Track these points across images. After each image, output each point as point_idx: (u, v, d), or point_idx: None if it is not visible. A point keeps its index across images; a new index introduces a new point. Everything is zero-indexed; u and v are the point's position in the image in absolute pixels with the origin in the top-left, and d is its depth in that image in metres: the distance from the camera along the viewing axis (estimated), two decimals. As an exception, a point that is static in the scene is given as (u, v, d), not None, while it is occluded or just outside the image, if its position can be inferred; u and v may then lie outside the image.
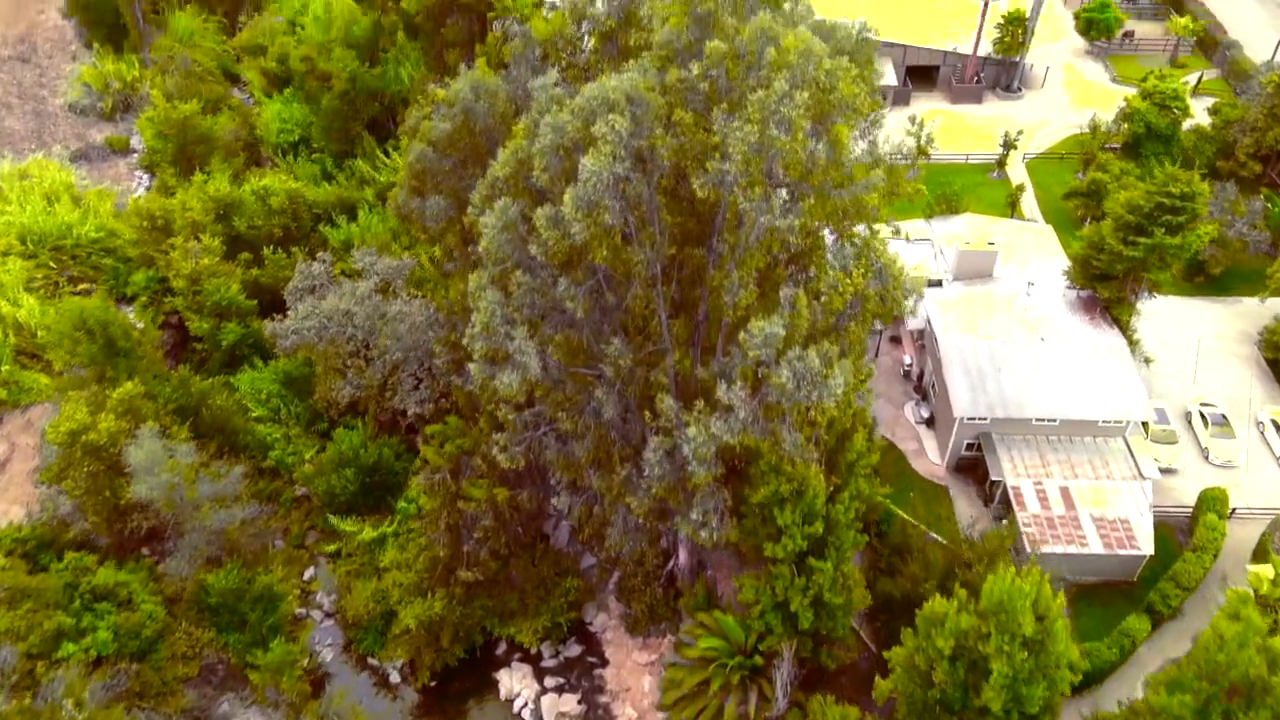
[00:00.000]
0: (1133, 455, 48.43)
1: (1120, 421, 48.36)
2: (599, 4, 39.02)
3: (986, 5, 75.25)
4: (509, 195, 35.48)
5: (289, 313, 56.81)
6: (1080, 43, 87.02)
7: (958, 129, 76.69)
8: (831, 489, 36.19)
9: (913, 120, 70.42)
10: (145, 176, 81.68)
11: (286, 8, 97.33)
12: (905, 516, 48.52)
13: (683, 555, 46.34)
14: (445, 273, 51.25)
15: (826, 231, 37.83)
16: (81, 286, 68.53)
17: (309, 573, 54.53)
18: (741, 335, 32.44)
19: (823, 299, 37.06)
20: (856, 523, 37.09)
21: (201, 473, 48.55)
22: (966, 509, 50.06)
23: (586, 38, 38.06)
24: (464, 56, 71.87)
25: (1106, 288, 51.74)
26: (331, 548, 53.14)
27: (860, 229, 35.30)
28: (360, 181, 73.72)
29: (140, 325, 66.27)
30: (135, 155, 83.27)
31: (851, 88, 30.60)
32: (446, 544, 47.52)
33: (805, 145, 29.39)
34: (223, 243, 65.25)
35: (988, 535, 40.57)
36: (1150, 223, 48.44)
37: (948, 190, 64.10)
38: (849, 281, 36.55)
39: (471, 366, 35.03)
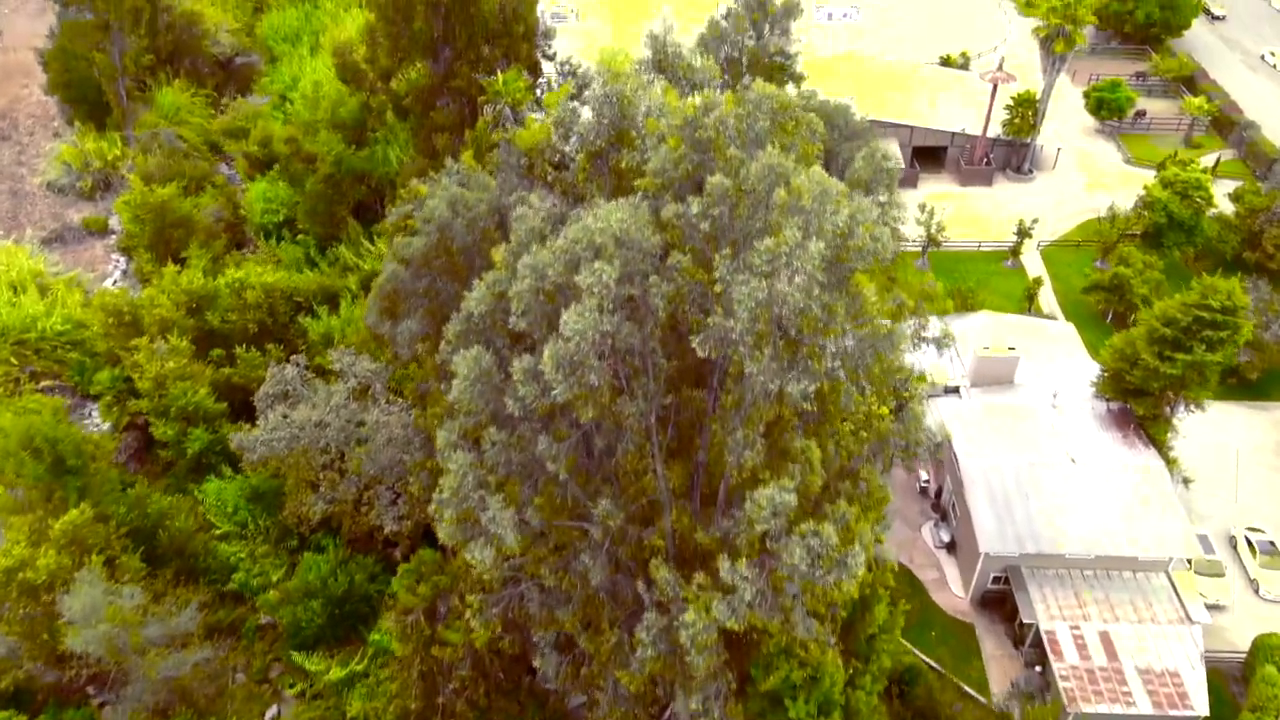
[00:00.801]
0: (1178, 594, 43.63)
1: (1164, 558, 43.67)
2: (586, 114, 35.29)
3: (996, 87, 72.20)
4: (486, 332, 31.31)
5: (259, 421, 52.63)
6: (1090, 121, 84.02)
7: (968, 213, 73.14)
8: (850, 672, 31.49)
9: (923, 208, 67.56)
10: (122, 260, 78.01)
11: (277, 82, 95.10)
12: (928, 662, 43.53)
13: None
14: (421, 393, 47.05)
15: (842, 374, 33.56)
16: (45, 383, 64.33)
17: (271, 712, 49.32)
18: (748, 505, 28.02)
19: (839, 441, 32.78)
20: (880, 707, 32.27)
21: (151, 612, 43.70)
22: (995, 650, 45.09)
23: (574, 152, 34.30)
24: (453, 141, 68.51)
25: (1141, 404, 47.42)
26: (294, 690, 48.03)
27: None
28: (343, 269, 69.91)
29: (105, 426, 62.37)
30: (113, 237, 79.67)
31: (872, 227, 26.57)
32: (419, 694, 42.57)
33: (821, 301, 25.25)
34: (195, 338, 61.33)
35: (1029, 716, 35.62)
36: (1189, 338, 44.29)
37: (962, 286, 60.15)
38: (868, 430, 32.31)
39: (440, 532, 30.52)
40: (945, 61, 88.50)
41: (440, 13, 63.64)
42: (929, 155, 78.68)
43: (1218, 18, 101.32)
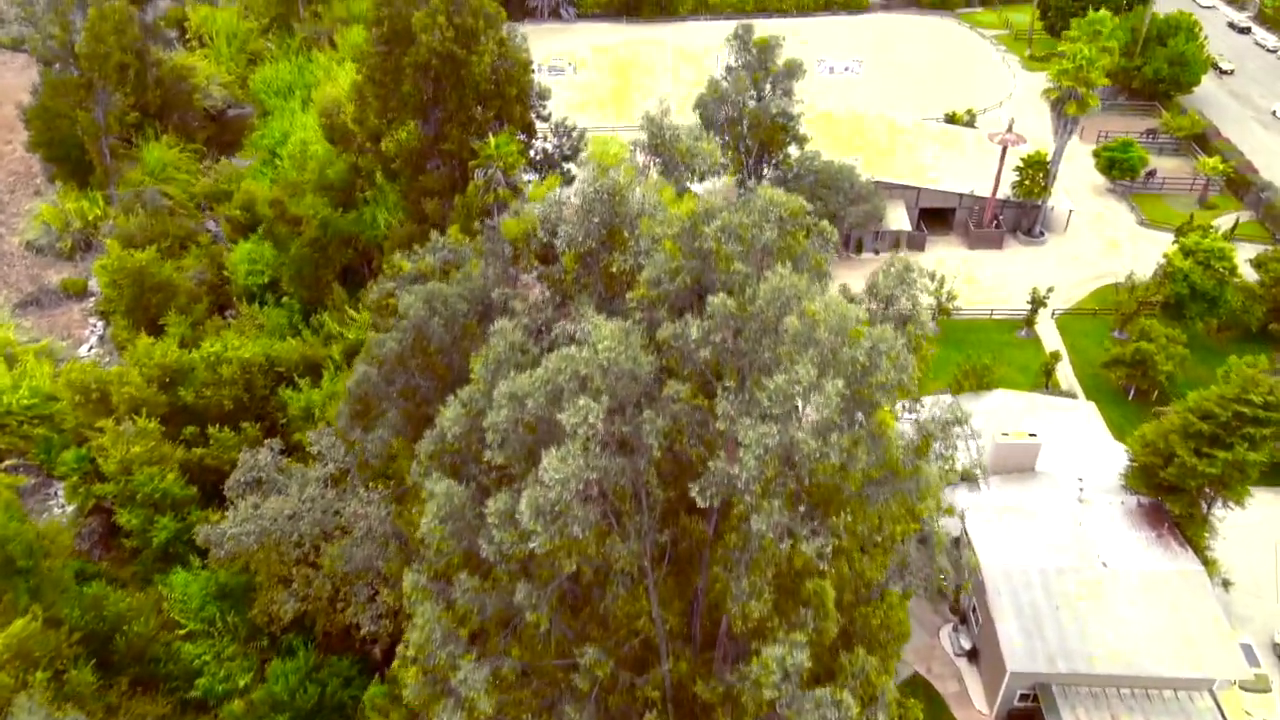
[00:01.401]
0: (1223, 716, 39.66)
1: (1208, 678, 39.77)
2: (576, 202, 32.10)
3: (1005, 149, 69.45)
4: (462, 454, 27.82)
5: (228, 511, 48.94)
6: (1100, 180, 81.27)
7: (978, 279, 69.98)
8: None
9: (932, 276, 64.31)
10: (99, 324, 74.82)
11: (268, 136, 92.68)
12: (951, 792, 39.47)
13: None
14: (397, 497, 43.45)
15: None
16: (9, 461, 60.78)
17: (233, 837, 45.04)
18: (755, 665, 24.35)
19: (853, 565, 29.13)
20: None
21: (98, 737, 39.74)
22: (1023, 776, 41.01)
23: (562, 249, 31.09)
24: (443, 205, 65.65)
25: (1176, 502, 43.78)
26: (258, 821, 43.84)
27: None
28: (327, 337, 66.61)
29: (69, 509, 58.74)
30: (92, 300, 76.57)
31: (897, 357, 23.20)
32: (392, 829, 38.45)
33: (840, 447, 21.82)
34: (167, 414, 58.00)
35: None
36: (1229, 434, 40.81)
37: (976, 363, 56.78)
38: (886, 555, 28.69)
39: (405, 691, 26.79)
40: (951, 119, 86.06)
41: (430, 75, 61.02)
42: (936, 217, 75.80)
43: (1226, 72, 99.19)
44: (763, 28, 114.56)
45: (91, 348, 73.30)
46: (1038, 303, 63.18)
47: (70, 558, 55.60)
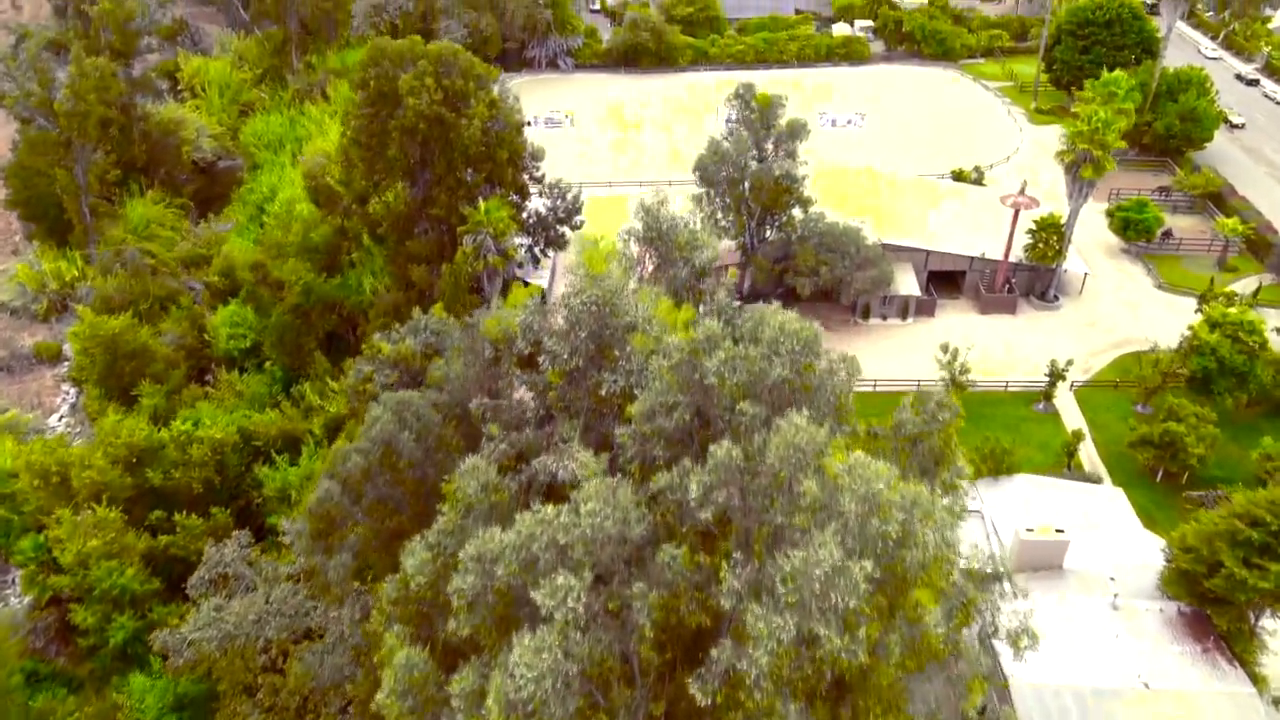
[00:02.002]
0: None
1: (1268, 822, 35.58)
2: (559, 321, 28.66)
3: (1018, 212, 66.37)
4: (427, 607, 24.06)
5: (192, 609, 45.00)
6: (1114, 240, 78.22)
7: (992, 346, 66.44)
8: None
9: (945, 349, 60.94)
10: (72, 392, 71.32)
11: (256, 191, 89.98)
12: None
13: None
14: (366, 611, 39.36)
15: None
16: (-36, 546, 56.81)
17: None
18: None
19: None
20: None
21: None
22: None
23: (545, 365, 27.56)
24: (431, 272, 62.47)
25: (1222, 615, 39.84)
26: None
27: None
28: (307, 410, 62.99)
29: (26, 600, 54.65)
30: (65, 366, 73.08)
31: (934, 519, 19.59)
32: None
33: (866, 639, 18.14)
34: (133, 497, 54.25)
35: None
36: (1281, 544, 37.02)
37: (996, 446, 53.07)
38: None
39: None
40: (958, 176, 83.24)
41: (418, 139, 58.09)
42: (946, 279, 72.54)
43: (1236, 126, 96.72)
44: (763, 79, 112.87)
45: (62, 417, 69.72)
46: (1056, 376, 59.63)
47: (23, 656, 51.73)
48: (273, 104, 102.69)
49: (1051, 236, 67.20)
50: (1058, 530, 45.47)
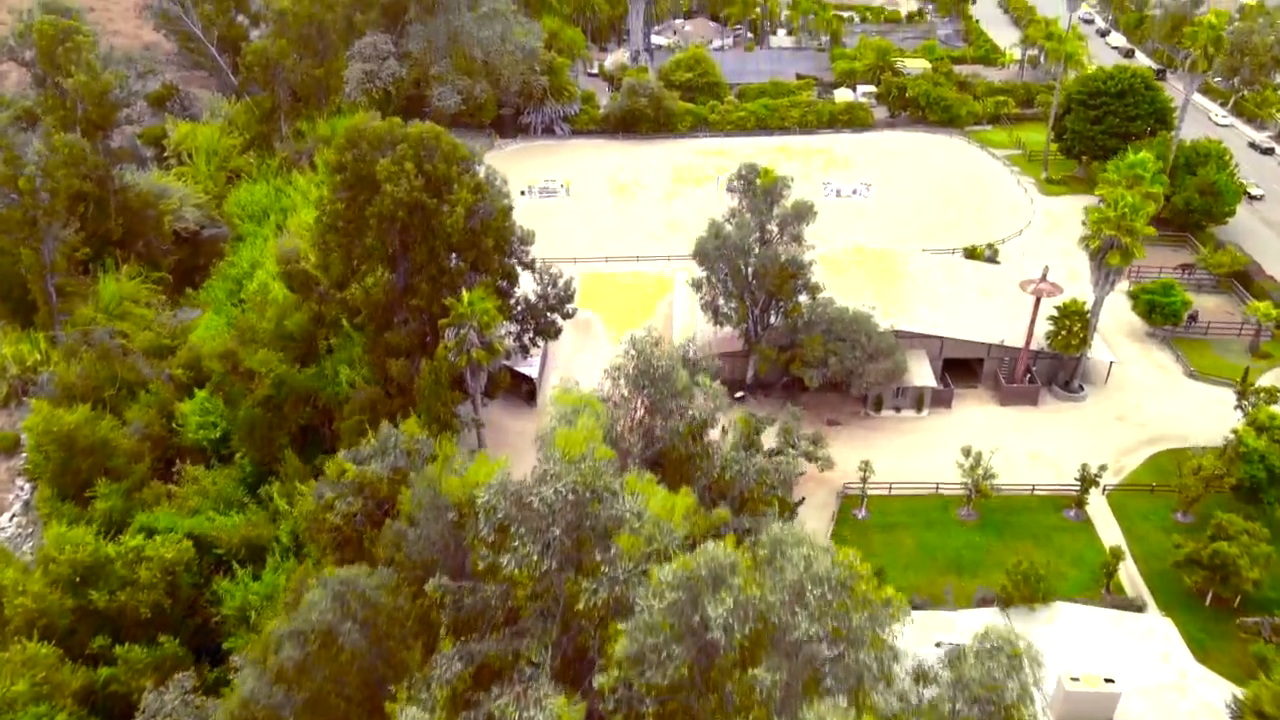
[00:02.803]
0: None
1: None
2: (533, 500, 23.62)
3: (1039, 300, 61.84)
4: None
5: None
6: (1137, 322, 73.63)
7: (1015, 442, 61.31)
8: None
9: (967, 452, 55.84)
10: (27, 487, 66.08)
11: (238, 265, 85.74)
12: None
13: None
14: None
15: None
16: (-113, 673, 51.04)
17: None
18: None
19: None
20: None
21: None
22: None
23: (512, 566, 22.54)
24: (411, 366, 57.72)
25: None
26: None
27: None
28: (274, 514, 57.75)
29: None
30: (23, 457, 67.93)
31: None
32: None
33: None
34: (74, 620, 48.84)
35: None
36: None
37: (1029, 569, 47.72)
38: None
39: None
40: (971, 254, 79.02)
41: (396, 227, 53.75)
42: (962, 366, 67.78)
43: (1256, 198, 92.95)
44: (764, 145, 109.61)
45: (14, 515, 64.44)
46: (1088, 482, 54.46)
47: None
48: (259, 173, 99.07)
49: (1075, 324, 62.52)
50: (1107, 680, 40.10)
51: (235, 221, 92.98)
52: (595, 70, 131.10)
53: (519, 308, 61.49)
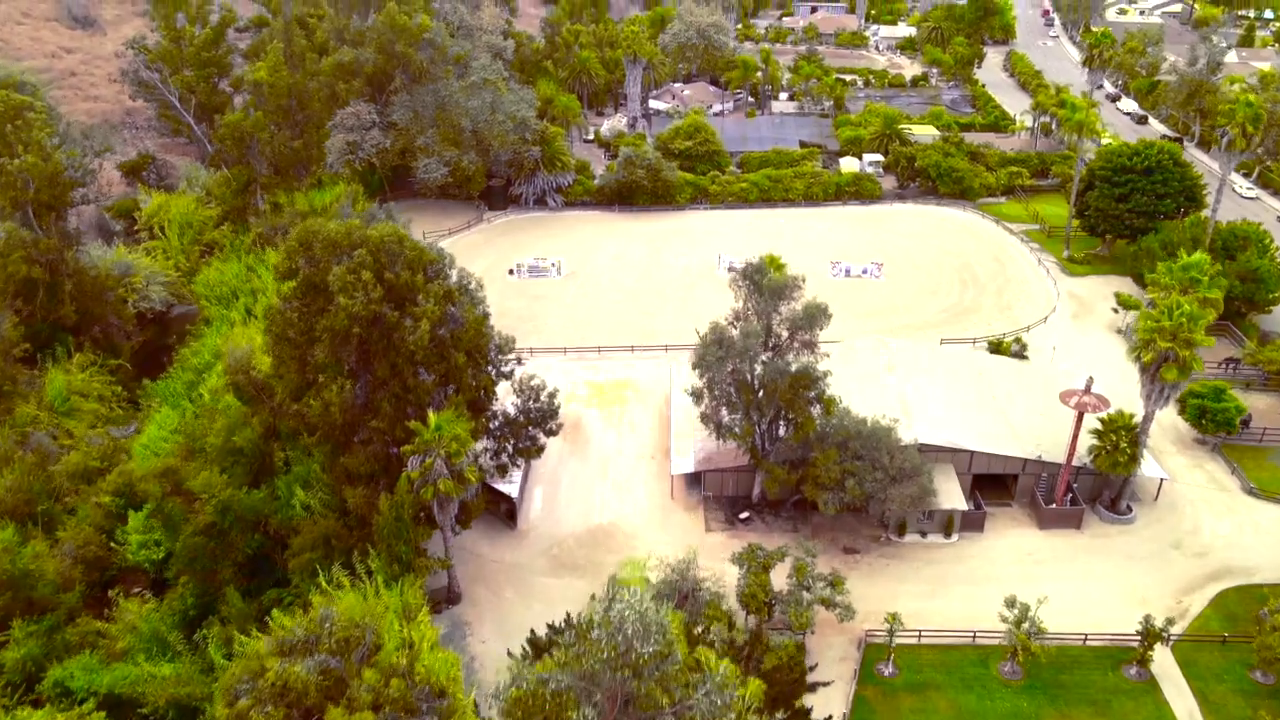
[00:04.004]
0: None
1: None
2: None
3: (1081, 415, 54.41)
4: None
5: None
6: (1182, 426, 66.14)
7: (1059, 579, 53.30)
8: None
9: (1010, 603, 47.79)
10: (-65, 623, 57.87)
11: (201, 353, 78.54)
12: None
13: None
14: None
15: None
16: None
17: None
18: None
19: None
20: None
21: None
22: None
23: None
24: (370, 495, 50.01)
25: None
26: None
27: None
28: (209, 667, 49.58)
29: None
30: (-65, 586, 59.79)
31: None
32: None
33: None
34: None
35: None
36: None
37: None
38: None
39: None
40: (996, 348, 71.78)
41: (352, 343, 46.48)
42: (994, 481, 60.11)
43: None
44: (767, 219, 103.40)
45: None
46: (1153, 637, 46.40)
47: None
48: (232, 249, 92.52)
49: (1123, 441, 54.95)
50: None
51: (202, 303, 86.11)
52: (591, 137, 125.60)
53: (497, 423, 54.03)
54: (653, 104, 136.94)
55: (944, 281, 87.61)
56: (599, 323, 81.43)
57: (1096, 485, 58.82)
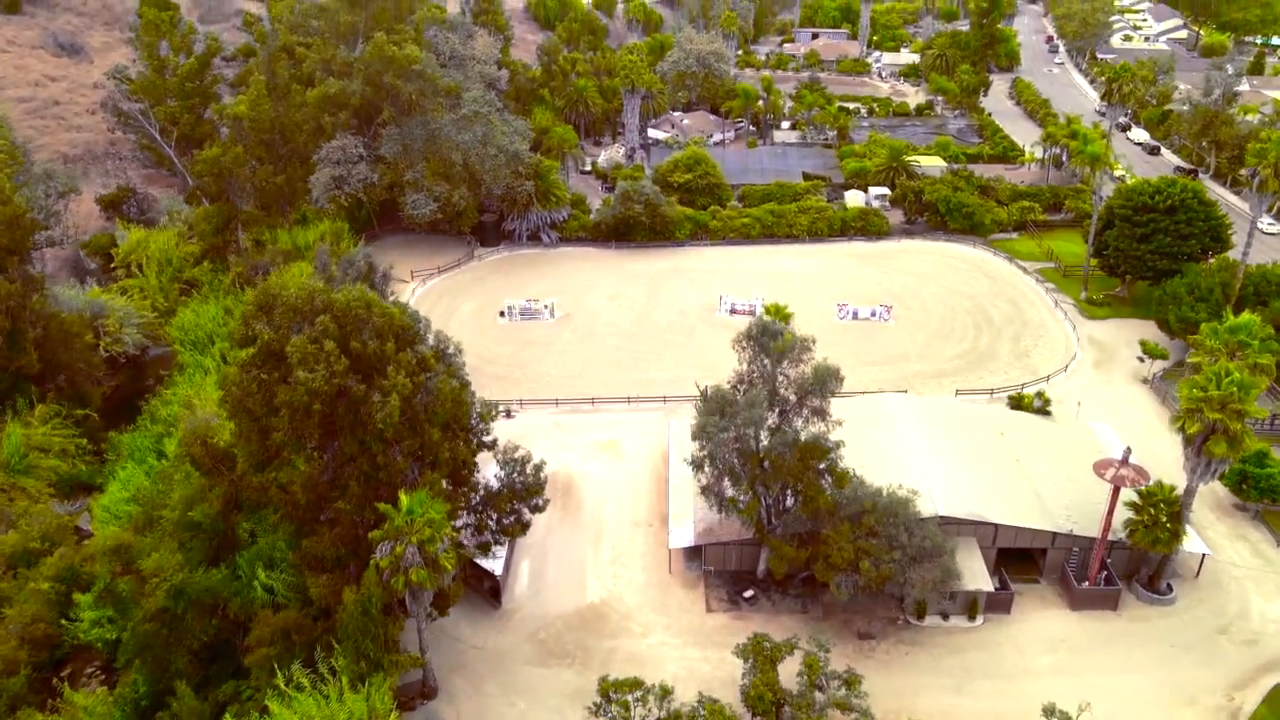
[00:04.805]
0: None
1: None
2: None
3: (1118, 490, 49.39)
4: None
5: None
6: (1220, 490, 61.08)
7: (1100, 672, 48.11)
8: None
9: (1049, 712, 42.52)
10: None
11: (171, 403, 73.62)
12: None
13: None
14: None
15: None
16: None
17: None
18: None
19: None
20: None
21: None
22: None
23: None
24: (336, 582, 44.92)
25: None
26: None
27: None
28: (156, 776, 44.40)
29: None
30: None
31: None
32: None
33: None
34: None
35: None
36: None
37: None
38: None
39: None
40: (1017, 403, 66.80)
41: (314, 419, 41.56)
42: (1020, 555, 55.01)
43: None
44: (770, 255, 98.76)
45: None
46: (1208, 749, 41.14)
47: None
48: (211, 289, 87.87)
49: (1163, 516, 49.87)
50: None
51: (176, 348, 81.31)
52: (588, 168, 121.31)
53: (478, 497, 49.00)
54: (652, 133, 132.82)
55: (957, 325, 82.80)
56: (593, 370, 76.54)
57: (1132, 561, 53.70)
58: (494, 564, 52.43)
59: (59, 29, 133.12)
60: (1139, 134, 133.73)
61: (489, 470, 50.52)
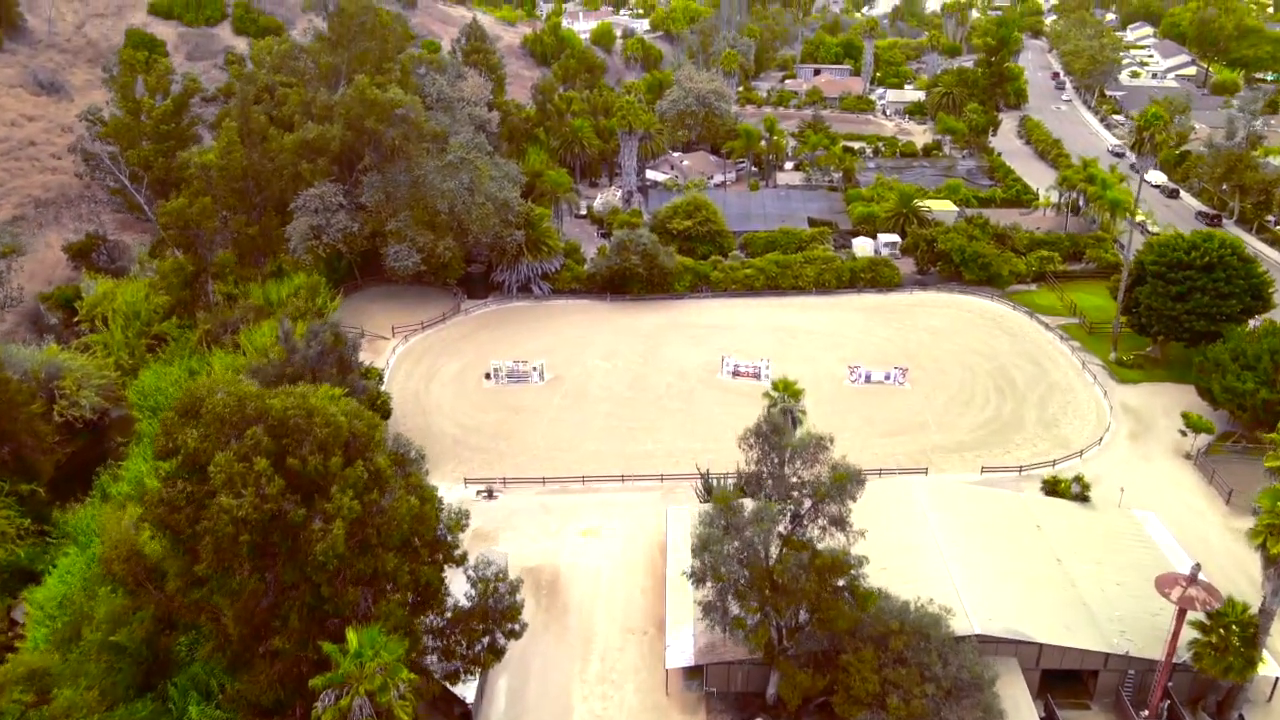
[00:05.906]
0: None
1: None
2: None
3: (1184, 612, 42.39)
4: None
5: None
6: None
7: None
8: None
9: None
10: None
11: (123, 479, 66.91)
12: None
13: None
14: None
15: None
16: None
17: None
18: None
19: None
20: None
21: None
22: None
23: None
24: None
25: None
26: None
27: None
28: None
29: None
30: None
31: None
32: None
33: None
34: None
35: None
36: None
37: None
38: None
39: None
40: (1053, 488, 59.86)
41: (242, 550, 34.69)
42: (1069, 677, 47.85)
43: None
44: (777, 309, 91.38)
45: None
46: None
47: None
48: (176, 348, 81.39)
49: (1235, 640, 42.80)
50: None
51: (136, 414, 74.65)
52: (583, 212, 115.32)
53: (446, 619, 41.98)
54: (650, 175, 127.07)
55: (978, 390, 76.10)
56: (585, 441, 69.72)
57: (1197, 684, 46.55)
58: (465, 690, 45.27)
59: (39, 66, 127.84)
60: (1156, 176, 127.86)
61: (458, 584, 43.56)
